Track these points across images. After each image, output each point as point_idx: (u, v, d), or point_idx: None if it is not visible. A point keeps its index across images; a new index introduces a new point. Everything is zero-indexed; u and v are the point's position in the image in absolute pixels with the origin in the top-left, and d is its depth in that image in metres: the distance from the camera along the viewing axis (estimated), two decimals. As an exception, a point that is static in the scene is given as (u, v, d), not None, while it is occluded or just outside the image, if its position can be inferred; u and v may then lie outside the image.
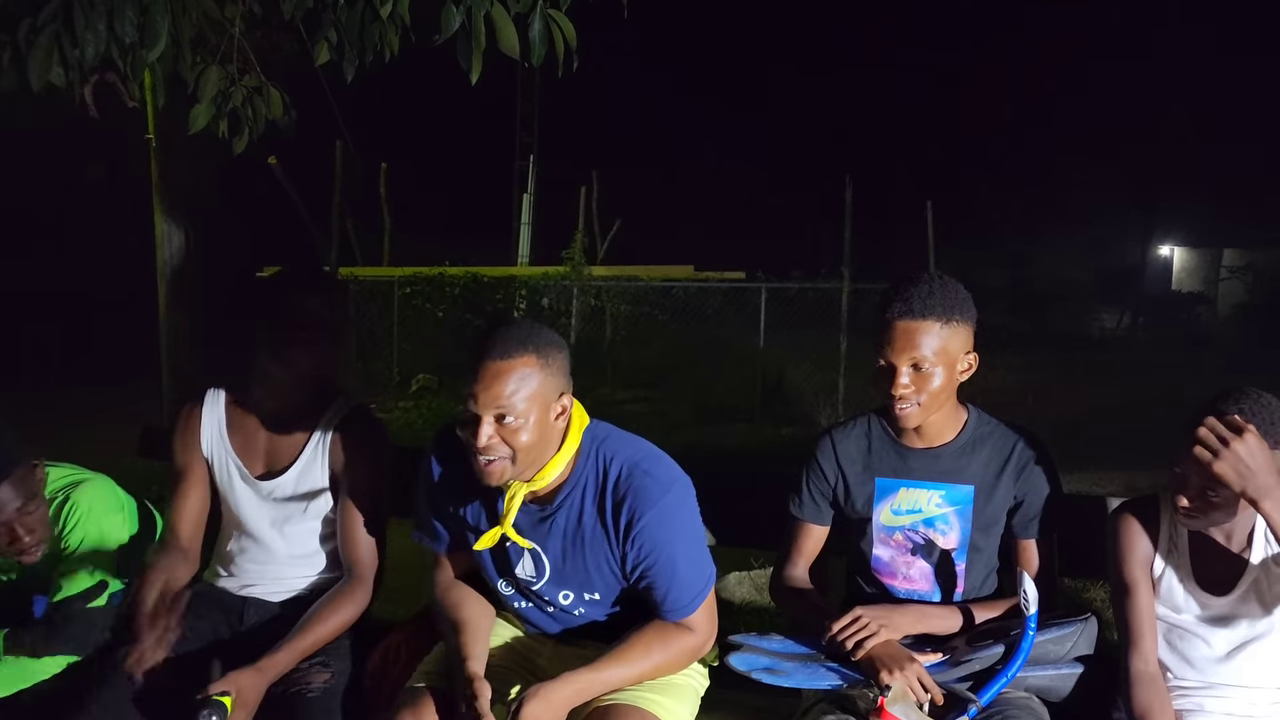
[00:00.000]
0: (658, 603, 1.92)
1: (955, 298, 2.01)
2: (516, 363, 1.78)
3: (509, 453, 1.79)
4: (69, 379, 11.43)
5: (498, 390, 1.76)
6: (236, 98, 3.48)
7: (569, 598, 1.99)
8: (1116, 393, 10.59)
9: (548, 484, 1.90)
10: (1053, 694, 1.99)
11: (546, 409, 1.82)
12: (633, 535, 1.88)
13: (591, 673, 1.82)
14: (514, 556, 1.97)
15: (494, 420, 1.77)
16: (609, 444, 1.94)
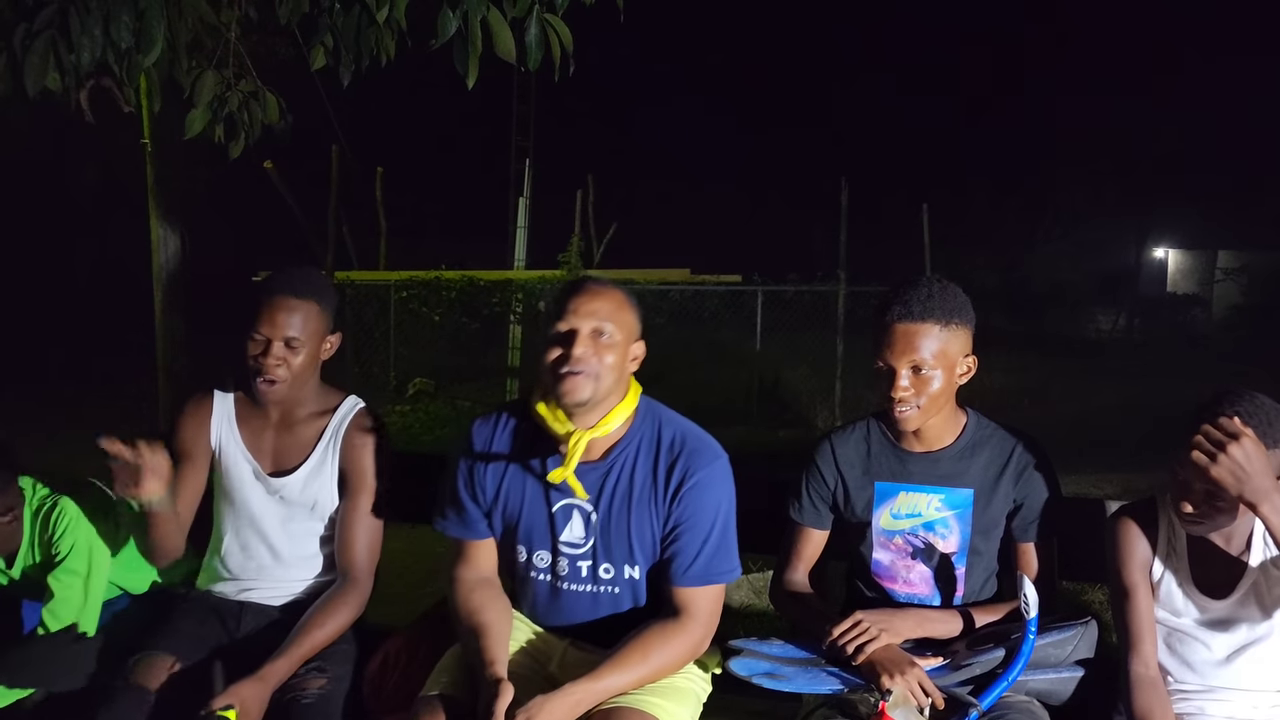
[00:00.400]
0: (682, 565, 1.94)
1: (954, 301, 2.01)
2: (611, 292, 1.94)
3: (596, 370, 1.87)
4: (64, 384, 11.40)
5: (598, 306, 1.90)
6: (233, 103, 3.48)
7: (609, 573, 1.99)
8: (1112, 395, 10.61)
9: (607, 434, 1.95)
10: (1053, 698, 1.99)
11: (629, 344, 1.94)
12: (681, 493, 1.94)
13: (591, 682, 1.83)
14: (560, 521, 1.99)
15: (591, 335, 1.87)
16: (662, 411, 2.03)
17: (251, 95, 3.54)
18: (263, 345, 2.10)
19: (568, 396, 1.87)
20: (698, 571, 1.95)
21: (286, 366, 2.12)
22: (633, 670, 1.87)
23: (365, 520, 2.21)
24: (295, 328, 2.11)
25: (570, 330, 1.88)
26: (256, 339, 2.11)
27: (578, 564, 2.01)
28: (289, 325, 2.11)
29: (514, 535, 2.04)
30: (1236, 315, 18.90)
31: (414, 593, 4.45)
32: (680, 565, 1.95)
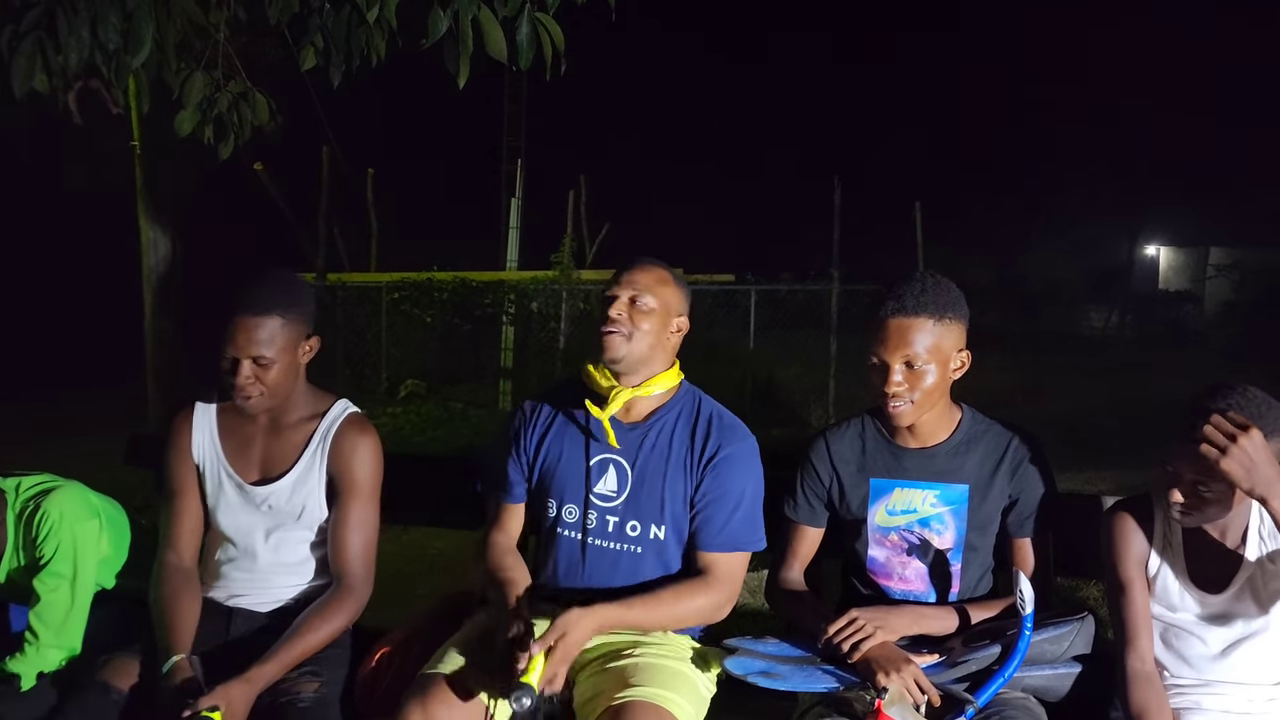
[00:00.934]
0: (710, 531, 2.08)
1: (948, 296, 2.01)
2: (656, 268, 2.15)
3: (630, 331, 2.06)
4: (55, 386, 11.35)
5: (639, 277, 2.11)
6: (222, 103, 3.46)
7: (635, 530, 2.10)
8: (1106, 391, 10.63)
9: (649, 395, 2.11)
10: (1050, 694, 1.98)
11: (668, 316, 2.12)
12: (715, 463, 2.08)
13: (621, 609, 1.97)
14: (596, 474, 2.12)
15: (629, 300, 2.08)
16: (701, 394, 2.21)
17: (241, 96, 3.52)
18: (231, 364, 2.06)
19: (606, 353, 2.06)
20: (724, 538, 2.08)
21: (259, 382, 2.08)
22: (658, 610, 2.01)
23: (357, 525, 2.18)
24: (262, 345, 2.06)
25: (612, 296, 2.10)
26: (226, 359, 2.06)
27: (606, 518, 2.11)
28: (255, 344, 2.05)
29: (547, 489, 2.16)
30: (1228, 311, 18.93)
31: (407, 595, 4.44)
32: (709, 532, 2.08)
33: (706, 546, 2.09)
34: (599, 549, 2.11)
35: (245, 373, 2.05)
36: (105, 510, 2.26)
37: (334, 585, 2.17)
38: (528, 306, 10.74)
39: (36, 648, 2.13)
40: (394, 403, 10.59)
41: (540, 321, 10.72)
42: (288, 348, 2.10)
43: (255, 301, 2.06)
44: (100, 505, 2.24)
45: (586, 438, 2.13)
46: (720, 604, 2.08)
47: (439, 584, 4.44)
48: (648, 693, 1.89)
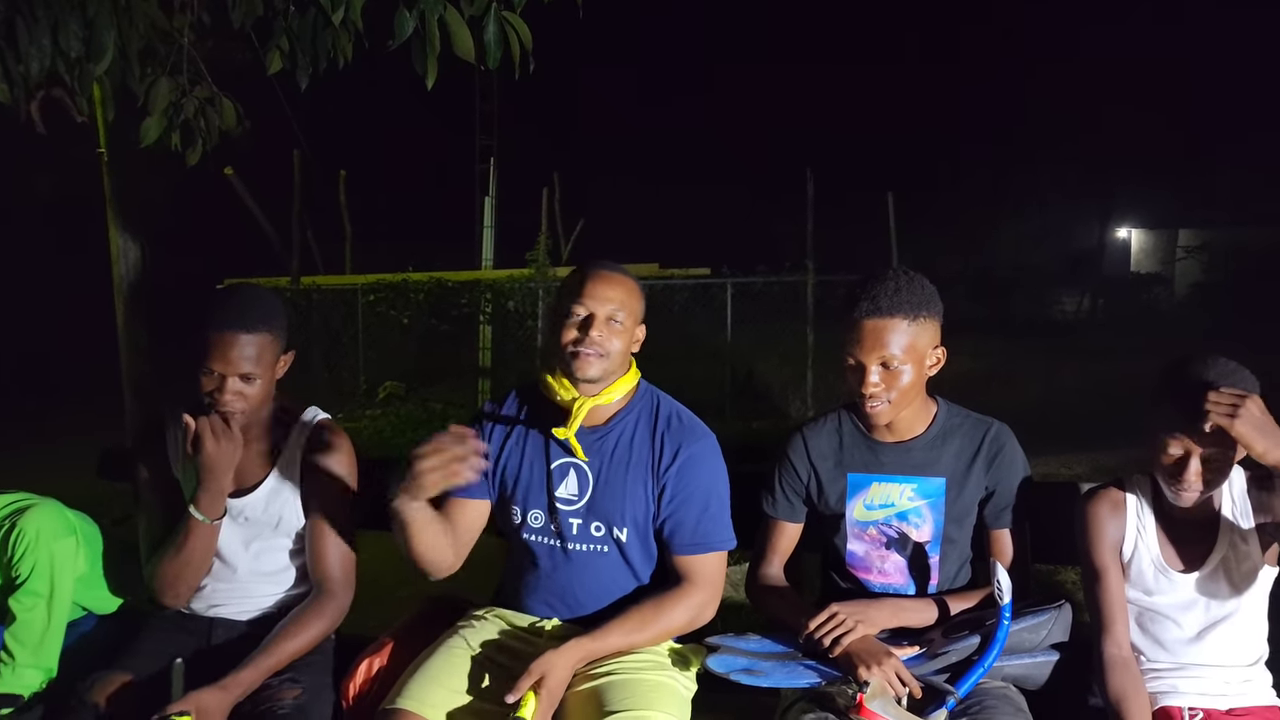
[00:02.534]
0: (681, 535, 2.08)
1: (921, 294, 2.02)
2: (625, 280, 2.11)
3: (607, 350, 2.04)
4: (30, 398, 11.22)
5: (614, 293, 2.06)
6: (188, 109, 3.42)
7: (599, 530, 2.11)
8: (1080, 375, 10.72)
9: (609, 403, 2.11)
10: (1029, 682, 2.00)
11: (634, 328, 2.11)
12: (676, 465, 2.09)
13: (593, 640, 1.98)
14: (558, 477, 2.11)
15: (606, 320, 2.04)
16: (660, 393, 2.21)
17: (207, 101, 3.49)
18: (217, 382, 2.04)
19: (579, 373, 2.04)
20: (696, 540, 2.08)
21: (243, 399, 2.07)
22: (636, 631, 2.02)
23: (335, 531, 2.18)
24: (249, 362, 2.05)
25: (589, 315, 2.05)
26: (210, 374, 2.04)
27: (570, 520, 2.10)
28: (243, 361, 2.04)
29: (511, 495, 2.15)
30: (1198, 292, 19.15)
31: (387, 599, 4.41)
32: (680, 536, 2.09)
33: (682, 550, 2.09)
34: (567, 551, 2.12)
35: (232, 389, 2.05)
36: (81, 527, 2.23)
37: (314, 592, 2.17)
38: (504, 305, 10.70)
39: (13, 668, 2.11)
40: (373, 405, 10.54)
41: (517, 320, 10.69)
42: (270, 363, 2.11)
43: (241, 318, 2.04)
44: (77, 522, 2.22)
45: (546, 443, 2.13)
46: (704, 605, 2.09)
47: (422, 587, 4.41)
48: (629, 717, 1.87)
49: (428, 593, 2.42)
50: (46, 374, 11.98)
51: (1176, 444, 1.81)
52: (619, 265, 2.15)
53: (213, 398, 2.05)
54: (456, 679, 1.99)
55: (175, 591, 2.13)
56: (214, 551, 2.14)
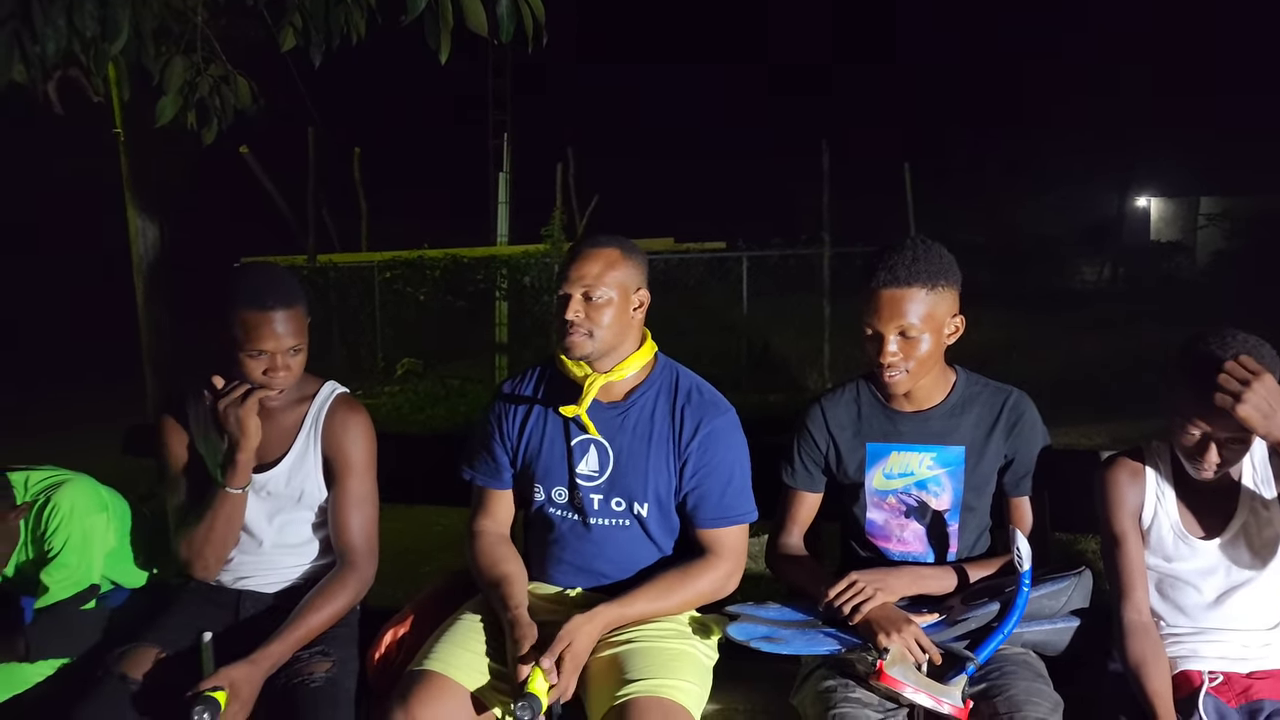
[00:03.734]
0: (705, 509, 2.09)
1: (939, 263, 2.01)
2: (603, 250, 2.08)
3: (589, 328, 2.04)
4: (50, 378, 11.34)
5: (587, 269, 2.05)
6: (203, 88, 3.43)
7: (620, 505, 2.12)
8: (1099, 345, 10.65)
9: (624, 378, 2.11)
10: (1049, 648, 2.01)
11: (626, 298, 2.08)
12: (697, 440, 2.09)
13: (621, 606, 2.01)
14: (578, 454, 2.13)
15: (580, 299, 2.04)
16: (678, 367, 2.21)
17: (222, 79, 3.49)
18: (268, 361, 2.07)
19: (568, 352, 2.07)
20: (719, 513, 2.11)
21: (291, 373, 2.12)
22: (660, 599, 2.05)
23: (357, 503, 2.20)
24: (294, 336, 2.09)
25: (565, 295, 2.06)
26: (257, 356, 2.07)
27: (590, 496, 2.13)
28: (288, 336, 2.08)
29: (533, 473, 2.18)
30: (1220, 260, 18.94)
31: (410, 573, 4.47)
32: (703, 510, 2.11)
33: (706, 524, 2.11)
34: (589, 526, 2.14)
35: (280, 364, 2.09)
36: (112, 502, 2.27)
37: (338, 564, 2.19)
38: (520, 281, 10.72)
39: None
40: (391, 382, 10.60)
41: (533, 295, 10.72)
42: (307, 335, 2.16)
43: (278, 296, 2.07)
44: (108, 498, 2.25)
45: (565, 420, 2.14)
46: (729, 576, 2.11)
47: (444, 560, 4.47)
48: (650, 684, 1.90)
49: (450, 568, 2.45)
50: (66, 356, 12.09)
51: (1194, 427, 1.80)
52: (607, 237, 2.13)
53: (266, 377, 2.08)
54: (480, 643, 2.02)
55: (205, 562, 2.16)
56: (242, 522, 2.17)
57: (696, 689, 1.97)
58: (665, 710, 1.86)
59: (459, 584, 2.30)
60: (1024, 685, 1.85)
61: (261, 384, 2.09)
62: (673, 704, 1.88)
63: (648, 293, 2.14)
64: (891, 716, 1.87)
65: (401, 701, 1.88)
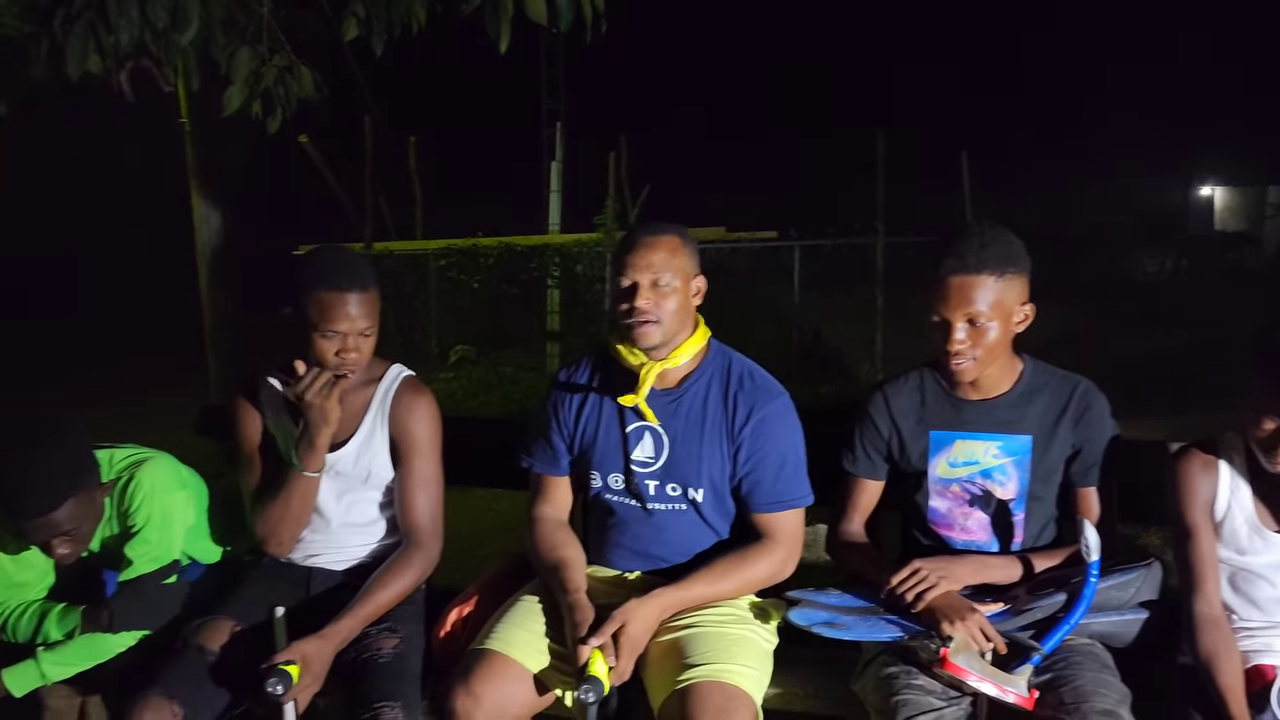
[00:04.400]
0: (761, 494, 2.10)
1: (1009, 249, 1.99)
2: (665, 238, 2.09)
3: (659, 316, 2.04)
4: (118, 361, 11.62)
5: (654, 258, 2.05)
6: (268, 78, 3.50)
7: (675, 491, 2.13)
8: (1162, 337, 10.43)
9: (678, 365, 2.12)
10: (1117, 639, 1.98)
11: (688, 285, 2.10)
12: (751, 425, 2.10)
13: (679, 590, 2.02)
14: (633, 441, 2.15)
15: (650, 286, 2.04)
16: (731, 351, 2.21)
17: (286, 69, 3.56)
18: (340, 342, 2.10)
19: (639, 342, 2.07)
20: (777, 498, 2.12)
21: (362, 355, 2.15)
22: (717, 583, 2.06)
23: (422, 484, 2.24)
24: (367, 319, 2.13)
25: (632, 284, 2.06)
26: (331, 336, 2.10)
27: (646, 482, 2.14)
28: (362, 318, 2.11)
29: (589, 460, 2.20)
30: (1289, 251, 18.44)
31: (467, 555, 4.52)
32: (758, 494, 2.12)
33: (761, 509, 2.12)
34: (647, 511, 2.16)
35: (351, 346, 2.12)
36: (191, 481, 2.33)
37: (404, 543, 2.23)
38: (573, 269, 10.75)
39: None
40: (445, 368, 10.70)
41: (585, 284, 10.75)
42: (379, 318, 2.20)
43: (354, 278, 2.11)
44: (187, 476, 2.32)
45: (620, 407, 2.15)
46: (785, 560, 2.12)
47: (501, 544, 4.51)
48: (711, 669, 1.91)
49: (509, 550, 2.48)
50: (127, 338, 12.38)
51: (1269, 420, 1.78)
52: (662, 224, 2.13)
53: (339, 357, 2.11)
54: (541, 624, 2.05)
55: (279, 539, 2.21)
56: (315, 503, 2.22)
57: (757, 674, 1.98)
58: (726, 694, 1.87)
59: (523, 565, 2.33)
60: (1091, 676, 1.84)
61: (333, 365, 2.12)
62: (734, 688, 1.89)
63: (703, 279, 2.15)
64: (955, 705, 1.86)
65: (463, 680, 1.92)
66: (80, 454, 2.07)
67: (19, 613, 2.19)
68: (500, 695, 1.92)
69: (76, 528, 2.04)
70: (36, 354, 11.07)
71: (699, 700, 1.86)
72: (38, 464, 1.97)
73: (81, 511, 2.04)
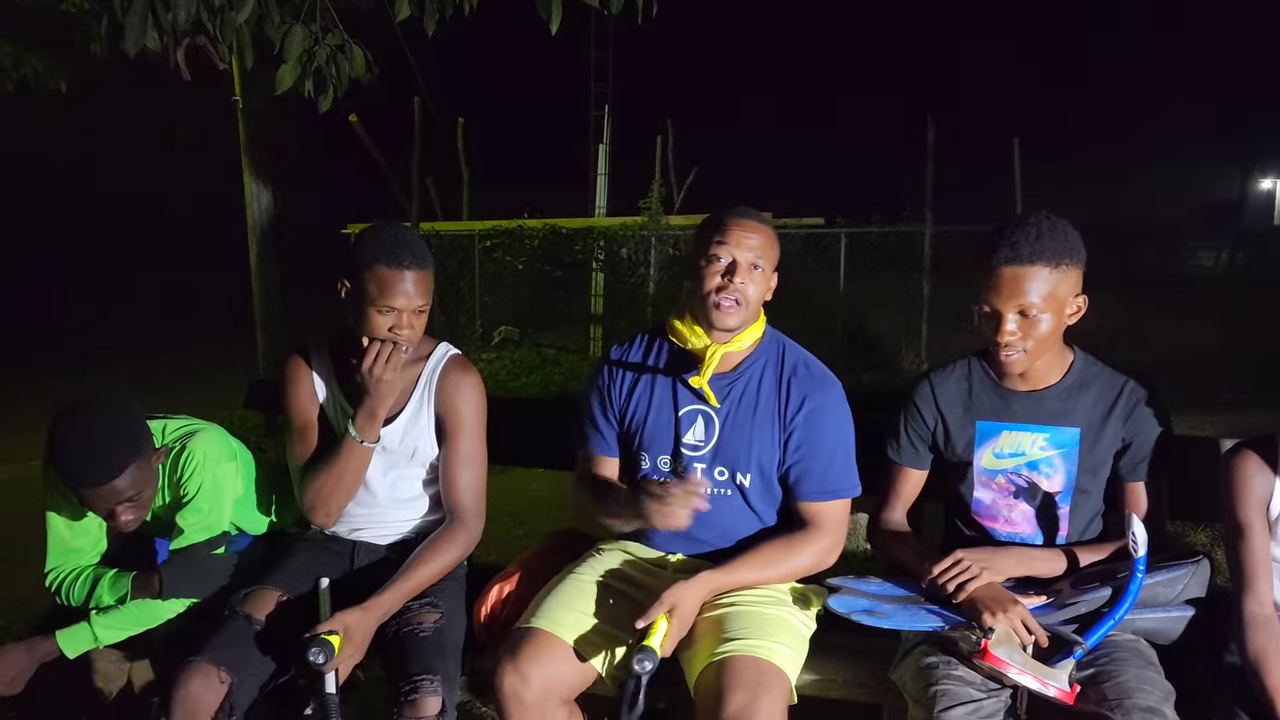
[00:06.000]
0: (808, 483, 2.10)
1: (1064, 240, 1.95)
2: (766, 227, 2.09)
3: (749, 299, 2.05)
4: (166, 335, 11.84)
5: (758, 240, 2.05)
6: (320, 56, 3.52)
7: (723, 474, 2.14)
8: (1214, 333, 10.22)
9: (739, 350, 2.12)
10: (1162, 637, 1.96)
11: (771, 275, 2.10)
12: (803, 414, 2.10)
13: (724, 573, 2.04)
14: (685, 423, 2.15)
15: (749, 267, 2.04)
16: (785, 339, 2.21)
17: (339, 49, 3.58)
18: (395, 318, 2.12)
19: (719, 323, 2.05)
20: (825, 488, 2.12)
21: (413, 331, 2.16)
22: (763, 569, 2.07)
23: (466, 462, 2.26)
24: (424, 296, 2.15)
25: (732, 261, 2.04)
26: (387, 312, 2.11)
27: (694, 465, 2.14)
28: (418, 295, 2.13)
29: (640, 441, 2.20)
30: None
31: (505, 534, 4.57)
32: (809, 483, 2.12)
33: (809, 497, 2.12)
34: None
35: (406, 323, 2.14)
36: (240, 453, 2.37)
37: (447, 520, 2.26)
38: (617, 253, 10.76)
39: None
40: (488, 349, 10.78)
41: (630, 268, 10.76)
42: (432, 296, 2.22)
43: (413, 256, 2.12)
44: (237, 448, 2.36)
45: (674, 389, 2.16)
46: (829, 550, 2.13)
47: (540, 523, 4.56)
48: (749, 645, 1.92)
49: (548, 529, 2.50)
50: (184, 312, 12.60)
51: None
52: (755, 212, 2.12)
53: (393, 333, 2.13)
54: (586, 603, 2.07)
55: (327, 509, 2.25)
56: (365, 474, 2.25)
57: (792, 653, 1.98)
58: (760, 669, 1.88)
59: (565, 543, 2.35)
60: (1134, 672, 1.81)
61: (386, 340, 2.14)
62: (768, 664, 1.90)
63: (777, 277, 2.15)
64: (994, 696, 1.84)
65: (511, 659, 1.93)
66: (136, 422, 2.12)
67: (73, 577, 2.25)
68: (548, 675, 1.93)
69: (138, 494, 2.09)
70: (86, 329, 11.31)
71: (733, 673, 1.87)
72: (96, 434, 2.02)
73: (142, 477, 2.09)
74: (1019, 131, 10.44)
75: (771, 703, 1.84)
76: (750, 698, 1.83)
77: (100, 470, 2.01)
